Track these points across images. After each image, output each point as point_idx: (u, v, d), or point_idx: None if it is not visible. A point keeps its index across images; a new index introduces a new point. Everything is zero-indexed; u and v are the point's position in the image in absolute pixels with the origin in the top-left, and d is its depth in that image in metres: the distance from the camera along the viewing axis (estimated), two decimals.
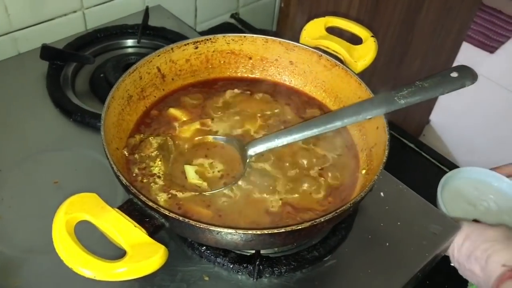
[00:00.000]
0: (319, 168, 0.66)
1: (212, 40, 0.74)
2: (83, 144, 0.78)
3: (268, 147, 0.65)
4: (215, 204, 0.61)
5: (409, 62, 1.80)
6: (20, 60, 0.95)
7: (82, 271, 0.46)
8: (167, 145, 0.67)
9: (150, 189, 0.61)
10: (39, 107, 0.84)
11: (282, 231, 0.51)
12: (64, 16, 1.00)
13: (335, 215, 0.53)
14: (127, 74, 0.67)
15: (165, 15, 1.08)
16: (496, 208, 0.85)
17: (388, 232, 0.71)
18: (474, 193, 0.87)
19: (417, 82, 0.63)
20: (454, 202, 0.84)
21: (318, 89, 0.76)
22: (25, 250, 0.65)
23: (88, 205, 0.51)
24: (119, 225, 0.50)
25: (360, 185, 0.64)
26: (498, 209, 0.85)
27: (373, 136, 0.66)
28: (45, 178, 0.73)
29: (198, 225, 0.51)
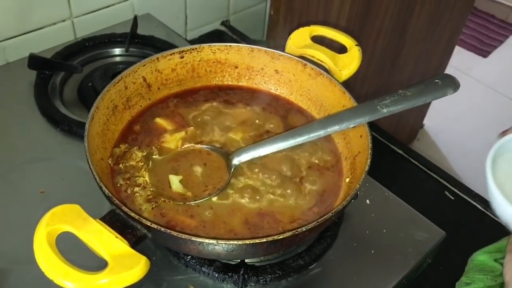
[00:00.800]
0: (303, 177, 0.66)
1: (198, 50, 0.75)
2: (70, 153, 0.79)
3: (253, 156, 0.65)
4: (199, 214, 0.61)
5: (401, 68, 1.81)
6: (8, 69, 0.95)
7: (63, 283, 0.46)
8: (152, 155, 0.67)
9: (135, 199, 0.62)
10: (26, 116, 0.84)
11: (263, 241, 0.51)
12: (53, 25, 1.00)
13: (316, 224, 0.53)
14: (112, 84, 0.67)
15: (154, 23, 1.08)
16: None
17: (373, 239, 0.71)
18: None
19: (400, 91, 0.64)
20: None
21: (304, 97, 0.76)
22: (12, 260, 0.65)
23: (70, 216, 0.51)
24: (100, 237, 0.50)
25: (344, 193, 0.65)
26: None
27: (357, 144, 0.66)
28: (32, 187, 0.73)
29: (180, 236, 0.51)
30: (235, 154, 0.66)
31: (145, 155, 0.66)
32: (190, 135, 0.70)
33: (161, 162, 0.66)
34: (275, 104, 0.77)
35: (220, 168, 0.66)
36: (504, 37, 3.06)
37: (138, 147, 0.67)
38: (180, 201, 0.62)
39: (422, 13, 1.68)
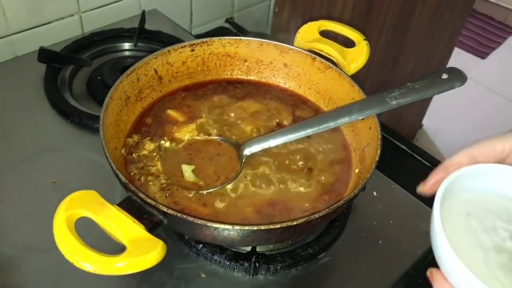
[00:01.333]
0: (313, 168, 0.67)
1: (208, 43, 0.76)
2: (80, 145, 0.80)
3: (264, 147, 0.66)
4: (211, 203, 0.62)
5: (401, 67, 1.83)
6: (18, 63, 0.96)
7: (83, 265, 0.47)
8: (164, 146, 0.68)
9: (148, 188, 0.63)
10: (36, 109, 0.85)
11: (277, 227, 0.52)
12: (61, 20, 1.01)
13: (329, 211, 0.54)
14: (125, 76, 0.68)
15: (161, 19, 1.09)
16: None
17: (381, 230, 0.72)
18: None
19: (408, 84, 0.65)
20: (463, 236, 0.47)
21: (312, 91, 0.78)
22: (24, 249, 0.66)
23: (88, 202, 0.52)
24: (118, 221, 0.51)
25: (353, 183, 0.66)
26: None
27: (366, 136, 0.67)
28: (43, 178, 0.74)
29: (196, 221, 0.52)
30: (246, 145, 0.67)
31: (158, 145, 0.67)
32: (201, 126, 0.71)
33: (173, 153, 0.68)
34: (284, 97, 0.78)
35: (232, 159, 0.67)
36: (503, 39, 3.09)
37: (151, 138, 0.68)
38: (192, 190, 0.63)
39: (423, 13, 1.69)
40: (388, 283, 0.67)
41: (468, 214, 0.46)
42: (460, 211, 0.47)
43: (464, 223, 0.46)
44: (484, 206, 0.47)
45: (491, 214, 0.46)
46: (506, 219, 0.46)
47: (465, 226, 0.45)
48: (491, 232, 0.45)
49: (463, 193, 0.48)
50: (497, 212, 0.47)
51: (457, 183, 0.46)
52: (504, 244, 0.44)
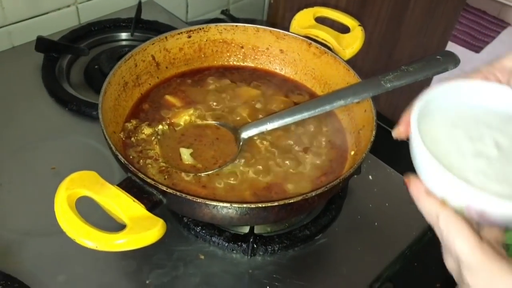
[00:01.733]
0: (309, 151, 0.68)
1: (205, 29, 0.77)
2: (79, 132, 0.80)
3: (261, 130, 0.67)
4: (210, 185, 0.63)
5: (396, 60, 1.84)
6: (15, 53, 0.96)
7: (85, 242, 0.48)
8: (162, 130, 0.69)
9: (147, 170, 0.63)
10: (35, 98, 0.86)
11: (275, 205, 0.53)
12: (58, 10, 1.01)
13: (325, 189, 0.55)
14: (123, 61, 0.69)
15: (157, 9, 1.10)
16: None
17: (376, 212, 0.73)
18: None
19: (403, 67, 0.66)
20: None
21: (308, 76, 0.79)
22: (25, 233, 0.66)
23: (88, 182, 0.53)
24: (119, 200, 0.52)
25: (349, 165, 0.67)
26: None
27: (361, 118, 0.68)
28: (43, 164, 0.75)
29: (195, 200, 0.53)
30: (244, 129, 0.67)
31: (156, 130, 0.68)
32: (198, 111, 0.72)
33: (171, 137, 0.68)
34: (280, 83, 0.79)
35: (229, 142, 0.68)
36: (496, 33, 3.11)
37: (149, 123, 0.69)
38: (191, 172, 0.64)
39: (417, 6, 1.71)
40: (384, 264, 0.68)
41: (453, 125, 0.46)
42: (444, 123, 0.46)
43: (447, 132, 0.45)
44: (472, 118, 0.47)
45: (480, 124, 0.46)
46: (495, 128, 0.45)
47: (447, 135, 0.45)
48: (476, 140, 0.45)
49: (448, 109, 0.47)
50: (487, 122, 0.46)
51: (440, 98, 0.46)
52: (486, 150, 0.44)
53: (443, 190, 0.41)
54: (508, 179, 0.42)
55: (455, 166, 0.42)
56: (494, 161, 0.43)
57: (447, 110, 0.47)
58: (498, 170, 0.42)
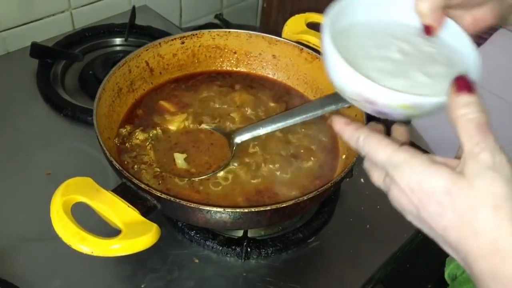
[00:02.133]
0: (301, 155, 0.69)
1: (198, 35, 0.78)
2: (74, 137, 0.81)
3: (254, 135, 0.68)
4: (203, 190, 0.64)
5: None
6: (9, 59, 0.97)
7: (80, 247, 0.49)
8: (156, 136, 0.70)
9: (142, 175, 0.64)
10: (30, 103, 0.87)
11: (268, 209, 0.54)
12: (52, 16, 1.02)
13: (317, 193, 0.56)
14: (117, 67, 0.70)
15: (151, 14, 1.11)
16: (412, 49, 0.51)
17: (368, 215, 0.75)
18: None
19: None
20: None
21: (300, 81, 0.80)
22: (20, 238, 0.67)
23: (83, 188, 0.53)
24: (113, 206, 0.52)
25: (340, 169, 0.68)
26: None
27: None
28: (38, 169, 0.75)
29: (189, 205, 0.54)
30: (237, 133, 0.68)
31: (150, 135, 0.69)
32: (192, 116, 0.73)
33: (165, 142, 0.69)
34: (273, 88, 0.80)
35: (223, 147, 0.68)
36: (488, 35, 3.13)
37: (143, 128, 0.70)
38: (185, 177, 0.64)
39: None
40: (376, 266, 0.69)
41: (365, 36, 0.51)
42: (357, 35, 0.51)
43: (358, 42, 0.50)
44: (383, 31, 0.51)
45: (389, 36, 0.51)
46: (402, 38, 0.50)
47: (358, 44, 0.49)
48: (382, 47, 0.49)
49: (364, 25, 0.52)
50: (396, 34, 0.51)
51: (356, 14, 0.51)
52: (391, 55, 0.49)
53: (342, 81, 0.47)
54: (405, 76, 0.47)
55: (360, 67, 0.46)
56: (396, 63, 0.48)
57: (363, 25, 0.52)
58: (397, 69, 0.47)
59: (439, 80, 0.47)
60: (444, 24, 0.51)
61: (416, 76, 0.47)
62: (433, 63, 0.48)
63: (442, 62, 0.49)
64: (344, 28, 0.50)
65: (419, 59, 0.49)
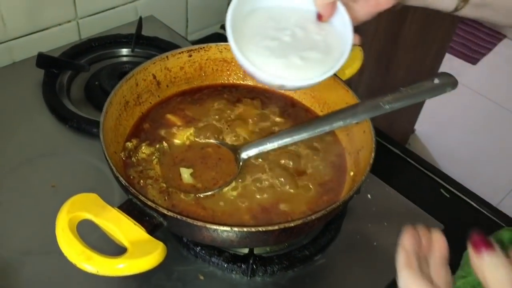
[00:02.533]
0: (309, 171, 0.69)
1: (206, 49, 0.77)
2: (79, 149, 0.80)
3: (260, 151, 0.67)
4: (210, 206, 0.63)
5: (394, 73, 1.85)
6: (15, 68, 0.97)
7: (85, 266, 0.48)
8: (163, 150, 0.69)
9: (147, 191, 0.64)
10: (35, 114, 0.86)
11: (275, 228, 0.54)
12: (59, 26, 1.02)
13: (325, 213, 0.56)
14: (124, 81, 0.69)
15: (158, 25, 1.11)
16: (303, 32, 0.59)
17: (375, 232, 0.74)
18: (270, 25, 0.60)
19: (401, 89, 0.67)
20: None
21: (307, 95, 0.79)
22: (24, 252, 0.66)
23: (89, 205, 0.53)
24: (119, 223, 0.52)
25: (348, 186, 0.67)
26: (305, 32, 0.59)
27: (360, 139, 0.69)
28: (43, 182, 0.75)
29: (195, 223, 0.53)
30: (243, 149, 0.68)
31: (156, 149, 0.68)
32: (198, 130, 0.72)
33: (171, 156, 0.69)
34: (280, 102, 0.79)
35: (230, 162, 0.68)
36: (492, 45, 3.13)
37: (149, 142, 0.69)
38: (191, 192, 0.64)
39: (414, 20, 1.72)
40: (383, 284, 0.68)
41: (269, 18, 0.60)
42: (256, 22, 0.60)
43: (260, 23, 0.60)
44: (284, 16, 0.60)
45: (289, 21, 0.60)
46: (299, 24, 0.60)
47: (259, 24, 0.59)
48: (278, 30, 0.59)
49: (266, 10, 0.61)
50: (294, 21, 0.60)
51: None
52: (282, 37, 0.58)
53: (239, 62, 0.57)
54: (285, 57, 0.56)
55: (250, 48, 0.57)
56: (284, 45, 0.57)
57: (270, 10, 0.61)
58: (281, 50, 0.57)
59: (311, 65, 0.57)
60: (335, 12, 0.59)
61: (293, 59, 0.56)
62: (313, 50, 0.58)
63: (321, 49, 0.58)
64: (252, 11, 0.60)
65: (304, 44, 0.58)
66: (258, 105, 0.78)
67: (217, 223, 0.54)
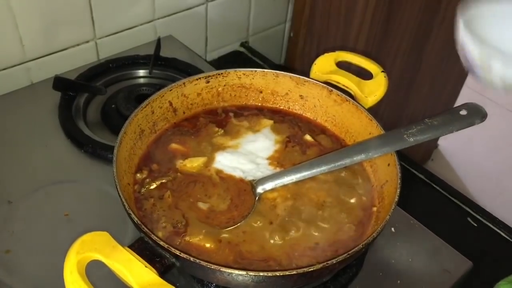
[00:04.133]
0: (331, 207, 0.65)
1: (224, 75, 0.75)
2: (94, 175, 0.79)
3: (277, 185, 0.64)
4: (224, 240, 0.60)
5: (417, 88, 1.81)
6: (33, 90, 0.96)
7: None
8: (175, 179, 0.66)
9: (160, 225, 0.61)
10: (51, 137, 0.85)
11: (293, 273, 0.51)
12: (77, 46, 1.01)
13: (347, 256, 0.52)
14: (140, 109, 0.67)
15: (176, 45, 1.09)
16: None
17: (399, 269, 0.70)
18: None
19: (426, 120, 0.64)
20: None
21: (329, 123, 0.76)
22: (35, 285, 0.65)
23: (99, 244, 0.51)
24: (130, 265, 0.50)
25: (372, 223, 0.64)
26: None
27: (384, 173, 0.66)
28: (56, 210, 0.73)
29: (209, 266, 0.50)
30: (259, 183, 0.65)
31: (164, 183, 0.66)
32: (211, 159, 0.69)
33: (182, 187, 0.66)
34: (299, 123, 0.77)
35: (244, 192, 0.65)
36: None
37: (161, 174, 0.67)
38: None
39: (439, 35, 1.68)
40: None
41: None
42: None
43: None
44: None
45: None
46: None
47: None
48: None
49: None
50: None
51: None
52: None
53: None
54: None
55: None
56: None
57: None
58: None
59: None
60: None
61: None
62: None
63: None
64: None
65: None
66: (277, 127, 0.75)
67: (232, 266, 0.51)
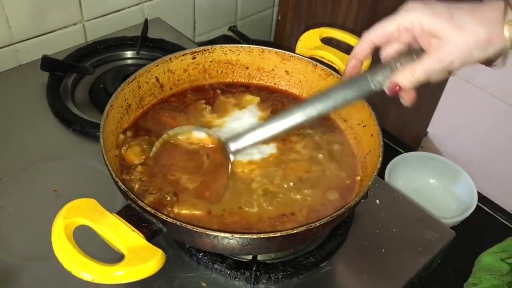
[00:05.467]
0: (315, 176, 0.67)
1: (210, 51, 0.76)
2: (82, 153, 0.80)
3: (249, 141, 0.63)
4: (212, 211, 0.61)
5: None
6: (21, 71, 0.96)
7: (81, 274, 0.47)
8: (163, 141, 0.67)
9: (147, 196, 0.62)
10: (39, 117, 0.85)
11: (278, 235, 0.52)
12: (65, 28, 1.01)
13: (330, 219, 0.54)
14: (126, 84, 0.68)
15: (164, 27, 1.10)
16: None
17: (384, 238, 0.72)
18: None
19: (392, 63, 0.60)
20: None
21: None
22: (24, 257, 0.65)
23: (86, 210, 0.52)
24: (117, 230, 0.51)
25: (355, 191, 0.65)
26: None
27: (367, 143, 0.67)
28: (45, 186, 0.74)
29: (195, 230, 0.51)
30: (231, 140, 0.64)
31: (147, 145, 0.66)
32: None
33: (167, 158, 0.66)
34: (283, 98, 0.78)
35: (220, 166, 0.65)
36: None
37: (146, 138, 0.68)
38: None
39: None
40: None
41: None
42: None
43: None
44: None
45: None
46: None
47: None
48: None
49: None
50: None
51: None
52: None
53: None
54: None
55: None
56: None
57: None
58: None
59: None
60: None
61: None
62: None
63: None
64: None
65: None
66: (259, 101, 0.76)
67: (217, 229, 0.52)
